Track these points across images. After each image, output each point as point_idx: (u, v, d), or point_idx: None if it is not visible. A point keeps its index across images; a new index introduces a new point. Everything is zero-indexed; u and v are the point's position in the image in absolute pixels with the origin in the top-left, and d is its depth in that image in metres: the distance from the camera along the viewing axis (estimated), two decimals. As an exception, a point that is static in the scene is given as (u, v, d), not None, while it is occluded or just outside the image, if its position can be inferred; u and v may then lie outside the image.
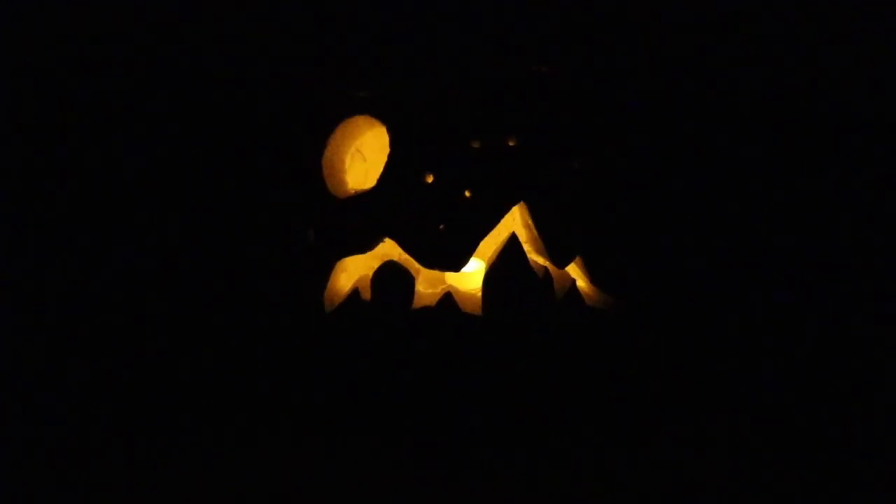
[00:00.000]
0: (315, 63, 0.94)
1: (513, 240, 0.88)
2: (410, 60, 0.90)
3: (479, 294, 0.88)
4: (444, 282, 0.93)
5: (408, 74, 0.90)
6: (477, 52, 0.90)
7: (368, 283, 0.89)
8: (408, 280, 0.88)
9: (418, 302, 0.89)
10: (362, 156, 0.96)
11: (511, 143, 0.88)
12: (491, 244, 0.89)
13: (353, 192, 0.92)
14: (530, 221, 0.88)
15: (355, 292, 0.91)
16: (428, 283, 0.93)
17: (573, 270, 0.91)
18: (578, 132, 0.90)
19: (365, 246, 0.89)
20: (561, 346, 0.90)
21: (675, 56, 0.99)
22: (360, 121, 0.92)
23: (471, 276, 0.94)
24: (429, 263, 0.87)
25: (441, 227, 0.86)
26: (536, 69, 0.91)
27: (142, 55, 1.05)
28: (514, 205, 0.87)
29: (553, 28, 0.92)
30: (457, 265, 0.87)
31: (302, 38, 0.98)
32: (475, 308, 0.88)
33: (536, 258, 0.89)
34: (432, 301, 0.89)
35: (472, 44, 0.91)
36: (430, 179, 0.87)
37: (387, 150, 0.90)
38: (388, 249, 0.90)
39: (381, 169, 0.90)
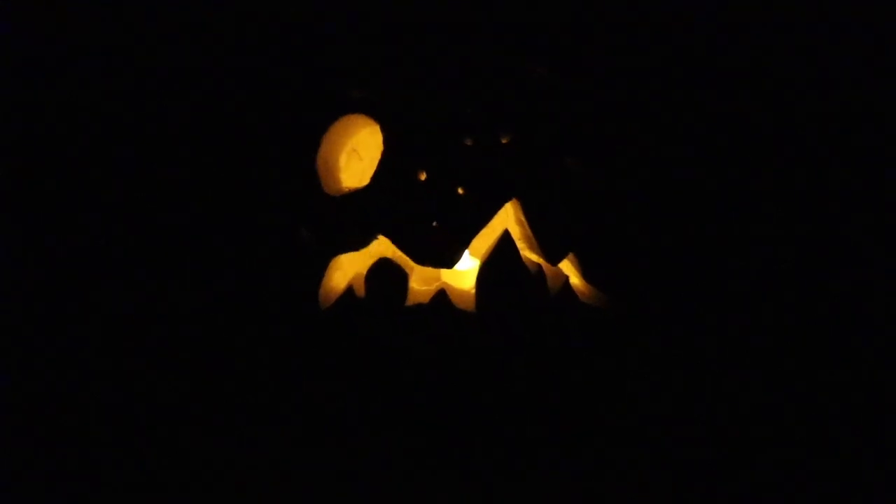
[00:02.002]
0: (309, 62, 0.95)
1: (506, 237, 0.88)
2: (404, 59, 0.91)
3: (473, 291, 0.89)
4: (438, 279, 0.93)
5: (401, 73, 0.90)
6: (470, 50, 0.91)
7: (363, 280, 0.90)
8: (401, 277, 0.89)
9: (412, 299, 0.89)
10: (359, 155, 0.96)
11: (504, 141, 0.88)
12: (485, 241, 0.90)
13: (347, 190, 0.92)
14: (523, 218, 0.88)
15: (350, 289, 0.91)
16: (423, 281, 0.93)
17: (566, 267, 0.91)
18: (571, 129, 0.90)
19: (359, 243, 0.90)
20: (555, 342, 0.90)
21: (666, 53, 1.00)
22: (355, 119, 0.93)
23: (465, 274, 0.94)
24: (421, 260, 0.87)
25: (434, 224, 0.86)
26: (529, 67, 0.91)
27: (136, 55, 1.05)
28: (506, 202, 0.88)
29: (545, 26, 0.92)
30: (449, 262, 0.87)
31: (296, 37, 0.98)
32: (469, 305, 0.89)
33: (530, 255, 0.90)
34: (426, 298, 0.89)
35: (465, 42, 0.91)
36: (423, 177, 0.87)
37: (382, 148, 0.90)
38: (383, 247, 0.90)
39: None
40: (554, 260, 0.89)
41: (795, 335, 1.01)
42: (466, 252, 0.90)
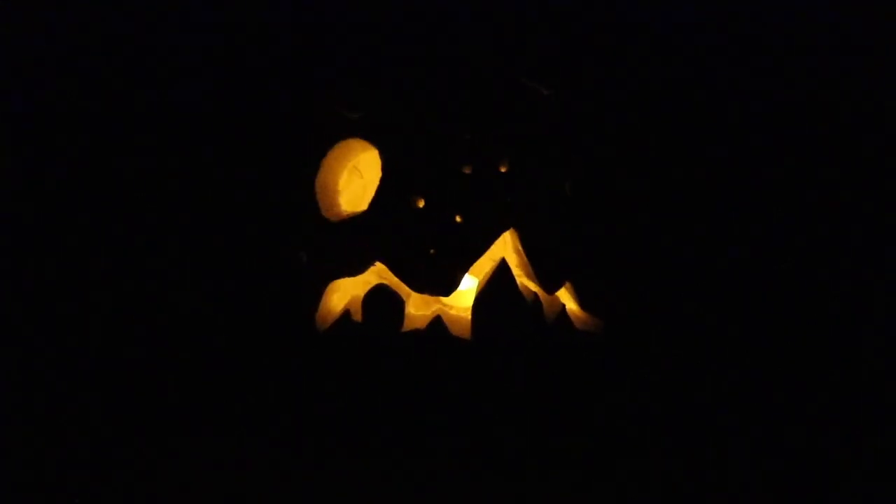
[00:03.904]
0: (308, 85, 0.94)
1: (502, 265, 0.88)
2: (403, 84, 0.90)
3: (470, 317, 0.89)
4: (437, 301, 0.93)
5: (400, 98, 0.90)
6: (471, 76, 0.90)
7: (360, 304, 0.90)
8: (398, 303, 0.89)
9: (409, 325, 0.90)
10: (359, 172, 0.96)
11: (502, 169, 0.88)
12: (486, 263, 0.90)
13: (346, 214, 0.92)
14: (520, 247, 0.88)
15: (346, 314, 0.92)
16: (422, 303, 0.93)
17: (563, 295, 0.91)
18: (569, 159, 0.90)
19: (356, 269, 0.90)
20: (551, 370, 0.90)
21: (666, 82, 0.99)
22: (354, 143, 0.92)
23: (464, 294, 0.94)
24: (419, 288, 0.88)
25: (431, 251, 0.87)
26: (532, 87, 0.90)
27: (140, 83, 1.05)
28: (504, 231, 0.88)
29: (548, 53, 0.92)
30: (447, 290, 0.87)
31: (295, 60, 0.98)
32: (465, 332, 0.89)
33: (527, 283, 0.90)
34: (423, 324, 0.89)
35: (465, 69, 0.90)
36: (421, 204, 0.87)
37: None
38: (381, 272, 0.90)
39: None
40: (551, 289, 0.89)
41: (798, 358, 1.01)
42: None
